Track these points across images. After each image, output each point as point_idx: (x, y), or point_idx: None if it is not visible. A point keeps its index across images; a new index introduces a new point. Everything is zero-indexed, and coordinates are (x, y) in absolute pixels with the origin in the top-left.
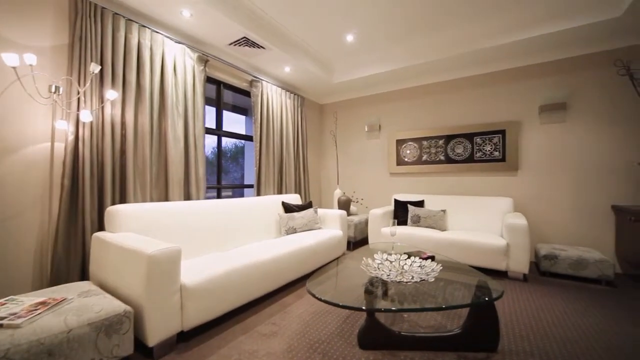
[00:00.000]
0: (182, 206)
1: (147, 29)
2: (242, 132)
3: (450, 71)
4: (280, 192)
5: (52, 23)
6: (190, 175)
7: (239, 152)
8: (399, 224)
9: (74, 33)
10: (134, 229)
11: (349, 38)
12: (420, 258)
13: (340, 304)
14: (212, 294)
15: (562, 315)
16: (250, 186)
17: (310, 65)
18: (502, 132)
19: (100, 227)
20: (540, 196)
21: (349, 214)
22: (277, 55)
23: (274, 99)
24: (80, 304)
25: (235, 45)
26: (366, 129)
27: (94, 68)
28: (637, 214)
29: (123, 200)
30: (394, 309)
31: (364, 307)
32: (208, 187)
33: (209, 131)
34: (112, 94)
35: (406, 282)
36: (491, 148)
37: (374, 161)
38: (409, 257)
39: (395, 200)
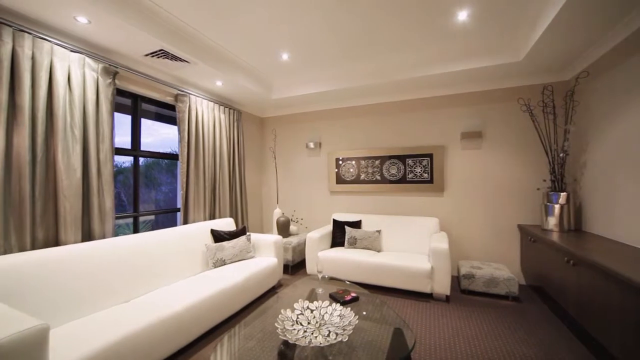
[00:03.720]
0: (70, 251)
1: (26, 33)
2: (175, 143)
3: (384, 95)
4: (213, 216)
5: None
6: (91, 209)
7: (174, 164)
8: (337, 245)
9: None
10: None
11: (285, 57)
12: (343, 302)
13: None
14: None
15: (474, 340)
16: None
17: (245, 81)
18: (430, 156)
19: None
20: (462, 216)
21: (288, 235)
22: (204, 70)
23: (205, 114)
24: None
25: (153, 56)
26: (311, 146)
27: None
28: (534, 235)
29: None
30: None
31: None
32: (123, 217)
33: (123, 152)
34: None
35: (320, 344)
36: (421, 170)
37: (315, 179)
38: (331, 303)
39: (334, 221)
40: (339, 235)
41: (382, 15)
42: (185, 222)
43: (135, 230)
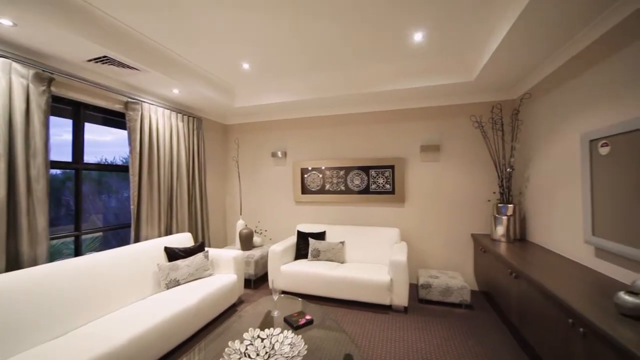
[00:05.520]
0: None
1: None
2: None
3: (348, 106)
4: (169, 231)
5: None
6: (19, 231)
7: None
8: (301, 257)
9: None
10: None
11: (246, 66)
12: (297, 326)
13: None
14: None
15: (426, 354)
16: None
17: (205, 89)
18: (392, 167)
19: None
20: (421, 226)
21: (252, 247)
22: (158, 78)
23: (160, 122)
24: None
25: (97, 62)
26: (278, 155)
27: None
28: (484, 246)
29: None
30: None
31: None
32: (61, 236)
33: (61, 165)
34: None
35: None
36: (383, 181)
37: (280, 189)
38: (284, 329)
39: (298, 232)
40: (303, 247)
41: (345, 31)
42: (137, 239)
43: (77, 251)
